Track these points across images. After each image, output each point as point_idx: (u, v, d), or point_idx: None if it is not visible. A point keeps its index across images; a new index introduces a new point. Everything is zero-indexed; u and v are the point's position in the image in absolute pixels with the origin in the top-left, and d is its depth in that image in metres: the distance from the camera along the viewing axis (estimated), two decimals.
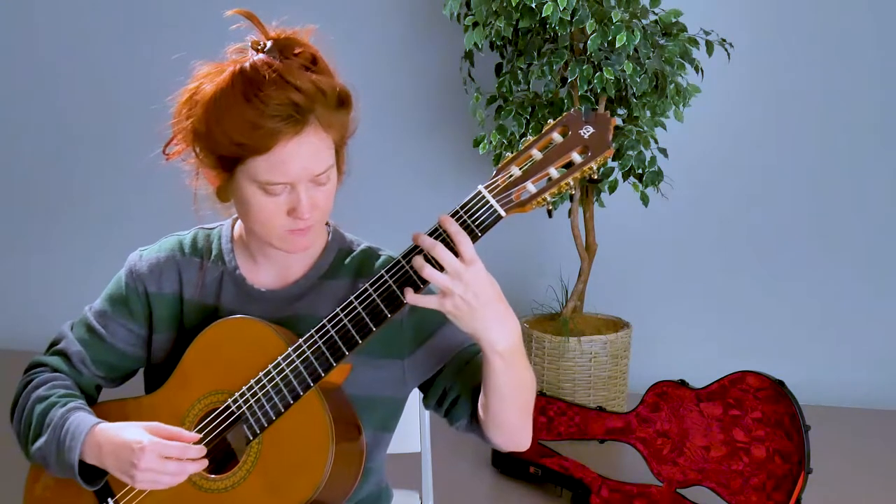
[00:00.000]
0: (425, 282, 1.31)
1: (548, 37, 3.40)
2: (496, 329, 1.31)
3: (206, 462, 1.37)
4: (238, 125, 1.32)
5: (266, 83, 1.32)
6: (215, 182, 1.42)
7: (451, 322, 1.34)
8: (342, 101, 1.38)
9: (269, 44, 1.37)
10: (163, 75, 1.45)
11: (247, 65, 1.35)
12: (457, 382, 1.47)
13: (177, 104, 1.41)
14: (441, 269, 1.27)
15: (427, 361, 1.48)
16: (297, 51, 1.37)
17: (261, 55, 1.36)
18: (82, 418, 1.42)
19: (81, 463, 1.40)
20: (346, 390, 1.42)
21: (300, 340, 1.36)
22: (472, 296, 1.27)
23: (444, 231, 1.28)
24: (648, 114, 3.44)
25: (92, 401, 1.53)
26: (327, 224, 1.54)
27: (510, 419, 1.43)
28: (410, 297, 1.30)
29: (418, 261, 1.28)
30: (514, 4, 3.18)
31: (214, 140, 1.36)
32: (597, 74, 3.22)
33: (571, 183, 1.29)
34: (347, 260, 1.51)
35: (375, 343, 1.36)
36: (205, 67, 1.40)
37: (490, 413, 1.41)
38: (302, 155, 1.34)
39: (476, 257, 1.28)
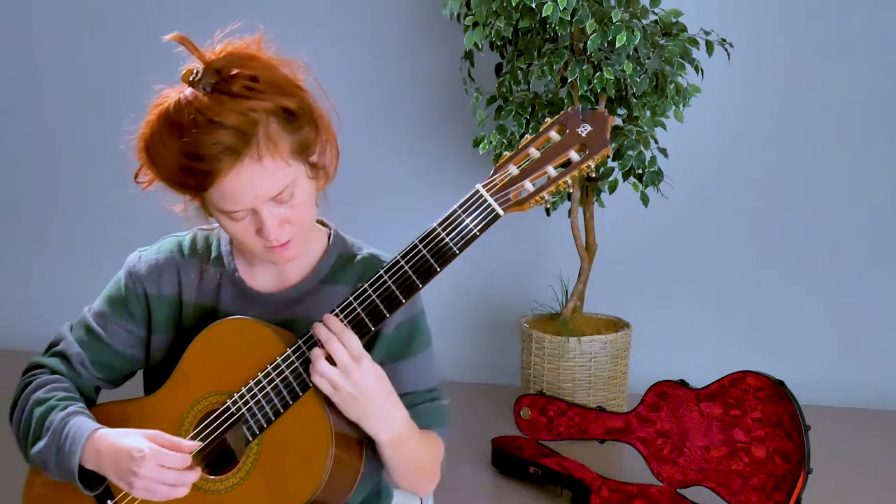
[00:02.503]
0: (426, 279, 1.31)
1: (548, 37, 3.39)
2: (378, 424, 1.36)
3: (198, 475, 1.37)
4: (171, 169, 1.31)
5: (189, 126, 1.27)
6: (196, 201, 1.41)
7: (424, 355, 1.47)
8: (289, 116, 1.32)
9: (199, 72, 1.30)
10: (155, 76, 1.44)
11: (171, 105, 1.30)
12: None
13: (135, 137, 1.37)
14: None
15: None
16: (234, 72, 1.29)
17: (188, 90, 1.30)
18: (82, 423, 1.41)
19: (81, 468, 1.40)
20: None
21: (299, 341, 1.36)
22: (360, 392, 1.32)
23: (330, 330, 1.33)
24: (648, 114, 3.44)
25: (91, 402, 1.53)
26: (327, 227, 1.54)
27: (401, 484, 1.50)
28: (316, 376, 1.32)
29: (315, 352, 1.32)
30: (514, 4, 3.18)
31: (162, 178, 1.35)
32: (597, 74, 3.21)
33: (569, 181, 1.29)
34: (349, 267, 1.50)
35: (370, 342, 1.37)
36: (161, 94, 1.35)
37: (386, 472, 1.48)
38: (247, 185, 1.30)
39: (363, 354, 1.33)
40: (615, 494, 2.97)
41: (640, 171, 3.45)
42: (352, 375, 1.31)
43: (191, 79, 1.31)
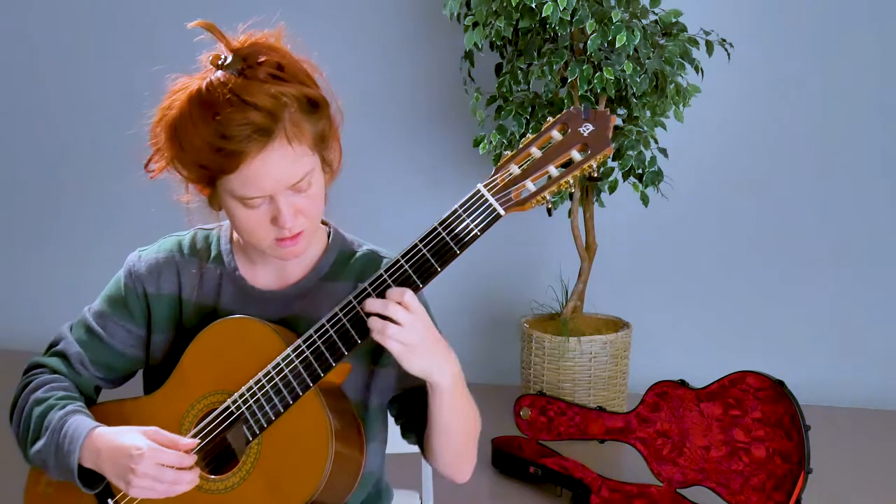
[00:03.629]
0: (427, 279, 1.32)
1: (548, 37, 3.39)
2: (444, 366, 1.35)
3: (197, 474, 1.37)
4: (200, 149, 1.31)
5: (222, 105, 1.28)
6: (204, 193, 1.42)
7: None
8: (313, 106, 1.34)
9: (229, 58, 1.33)
10: (156, 75, 1.44)
11: (203, 86, 1.31)
12: (415, 405, 1.49)
13: (152, 123, 1.39)
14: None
15: (398, 376, 1.48)
16: (260, 59, 1.32)
17: (218, 73, 1.32)
18: (81, 421, 1.41)
19: (80, 466, 1.39)
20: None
21: (299, 340, 1.36)
22: (427, 340, 1.31)
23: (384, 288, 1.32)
24: (648, 114, 3.44)
25: (91, 402, 1.53)
26: (327, 225, 1.54)
27: (451, 447, 1.47)
28: (377, 335, 1.31)
29: (375, 323, 1.31)
30: (514, 4, 3.18)
31: (183, 162, 1.36)
32: (597, 74, 3.21)
33: (571, 181, 1.29)
34: (349, 263, 1.50)
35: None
36: (178, 81, 1.37)
37: (433, 445, 1.46)
38: (272, 169, 1.31)
39: (417, 305, 1.31)
40: (615, 494, 2.97)
41: (640, 171, 3.45)
42: (417, 327, 1.30)
43: (219, 63, 1.33)
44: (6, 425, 1.53)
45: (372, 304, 1.31)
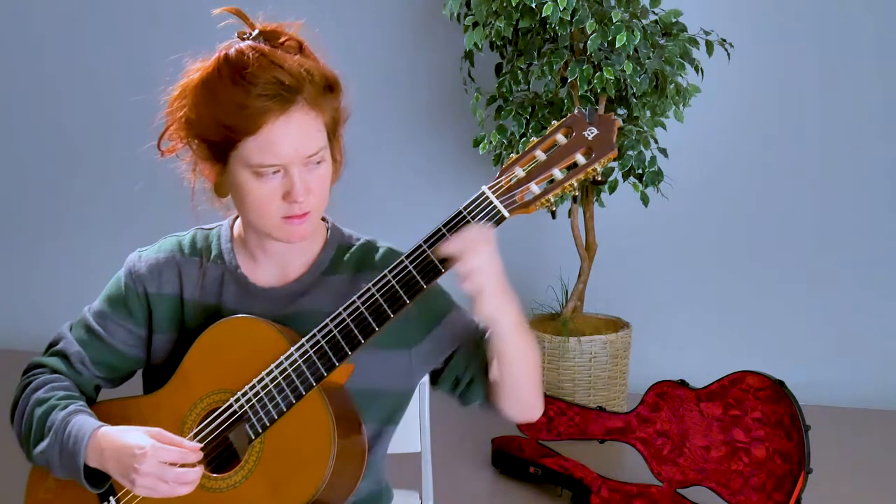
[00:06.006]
0: (430, 280, 1.32)
1: (548, 37, 3.40)
2: (510, 306, 1.36)
3: (200, 473, 1.37)
4: (225, 107, 1.34)
5: (251, 64, 1.34)
6: (212, 176, 1.43)
7: (455, 308, 1.46)
8: (330, 86, 1.39)
9: (255, 32, 1.40)
10: (161, 76, 1.45)
11: (232, 51, 1.37)
12: (470, 366, 1.50)
13: (170, 98, 1.43)
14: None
15: (435, 350, 1.50)
16: (282, 39, 1.40)
17: (247, 41, 1.39)
18: (84, 421, 1.41)
19: (85, 466, 1.40)
20: (353, 383, 1.42)
21: (303, 340, 1.36)
22: (502, 279, 1.33)
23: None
24: (648, 114, 3.44)
25: (91, 401, 1.53)
26: (326, 221, 1.54)
27: (525, 387, 1.47)
28: (467, 284, 1.32)
29: (462, 268, 1.30)
30: (514, 4, 3.19)
31: (204, 126, 1.38)
32: (597, 74, 3.22)
33: (575, 184, 1.30)
34: (347, 255, 1.51)
35: (382, 334, 1.36)
36: (197, 63, 1.42)
37: (506, 386, 1.46)
38: (291, 134, 1.34)
39: (492, 251, 1.32)
40: (615, 494, 2.97)
41: (640, 171, 3.45)
42: (495, 266, 1.31)
43: (244, 36, 1.40)
44: (6, 427, 1.53)
45: (447, 247, 1.30)
